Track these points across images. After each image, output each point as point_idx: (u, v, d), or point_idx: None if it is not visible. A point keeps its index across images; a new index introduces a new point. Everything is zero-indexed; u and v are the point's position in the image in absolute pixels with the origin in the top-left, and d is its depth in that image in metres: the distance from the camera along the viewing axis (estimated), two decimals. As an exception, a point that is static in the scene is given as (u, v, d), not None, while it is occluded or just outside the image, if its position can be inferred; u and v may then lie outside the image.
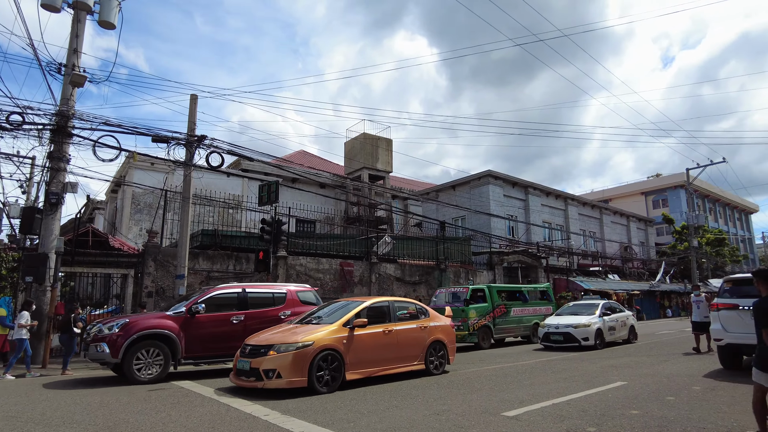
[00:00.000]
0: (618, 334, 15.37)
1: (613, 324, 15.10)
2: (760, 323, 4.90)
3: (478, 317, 15.64)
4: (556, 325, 14.56)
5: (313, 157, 36.39)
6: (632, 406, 6.29)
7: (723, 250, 46.23)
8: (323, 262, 18.59)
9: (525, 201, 33.93)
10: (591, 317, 14.54)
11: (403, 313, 9.49)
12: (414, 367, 9.15)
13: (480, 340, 15.46)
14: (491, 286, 17.14)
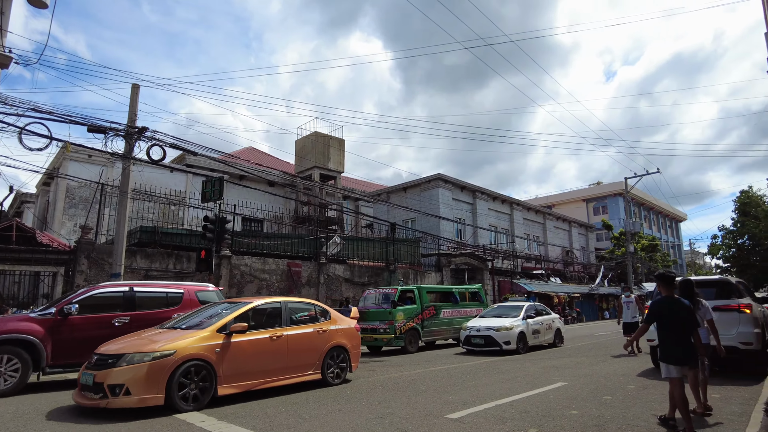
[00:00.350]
0: (543, 338, 14.93)
1: (537, 327, 14.63)
2: (648, 318, 5.55)
3: (406, 319, 14.98)
4: (477, 328, 13.96)
5: (262, 154, 35.54)
6: (572, 406, 6.40)
7: (656, 255, 48.95)
8: (270, 262, 18.11)
9: (473, 205, 34.56)
10: (514, 320, 14.00)
11: (300, 316, 8.51)
12: (308, 377, 8.12)
13: (407, 344, 14.83)
14: (421, 287, 16.53)
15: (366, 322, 14.74)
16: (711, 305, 8.97)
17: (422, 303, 15.82)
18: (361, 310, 15.02)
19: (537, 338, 14.56)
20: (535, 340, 14.43)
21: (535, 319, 14.73)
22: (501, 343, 13.30)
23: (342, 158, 28.61)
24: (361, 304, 15.86)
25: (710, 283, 9.70)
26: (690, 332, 5.30)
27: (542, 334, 14.88)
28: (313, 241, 20.52)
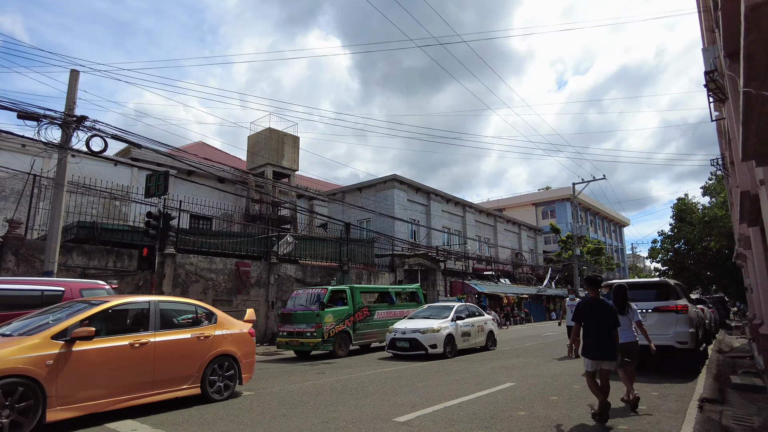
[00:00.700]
0: (474, 341, 14.13)
1: (467, 329, 13.82)
2: (576, 317, 6.08)
3: (336, 322, 13.94)
4: (403, 330, 13.00)
5: (213, 149, 34.45)
6: (520, 407, 6.42)
7: (600, 258, 50.96)
8: (217, 261, 17.48)
9: (427, 206, 34.80)
10: (443, 321, 13.20)
11: (177, 319, 7.18)
12: (182, 392, 6.76)
13: (336, 348, 13.85)
14: (354, 287, 15.49)
15: (292, 324, 13.95)
16: (651, 306, 9.37)
17: (355, 304, 14.82)
18: (287, 312, 14.31)
19: (467, 341, 13.79)
20: (465, 343, 13.65)
21: (465, 320, 13.96)
22: (427, 347, 12.44)
23: (296, 156, 28.10)
24: (290, 305, 14.76)
25: (651, 285, 10.08)
26: (610, 330, 5.88)
27: (473, 337, 14.09)
28: (264, 240, 20.00)
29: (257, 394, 7.78)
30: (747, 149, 4.59)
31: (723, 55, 5.16)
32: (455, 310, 13.94)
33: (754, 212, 7.27)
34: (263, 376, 10.10)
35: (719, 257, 27.27)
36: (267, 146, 26.66)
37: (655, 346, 9.30)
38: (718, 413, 6.49)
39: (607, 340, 5.83)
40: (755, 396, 7.87)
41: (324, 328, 13.52)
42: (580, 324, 6.12)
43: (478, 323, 14.60)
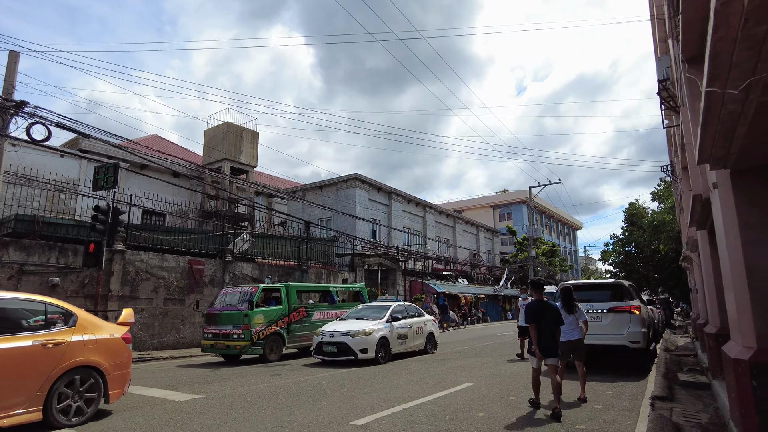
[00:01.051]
0: (412, 344, 13.18)
1: (404, 331, 12.84)
2: (528, 319, 6.41)
3: (267, 323, 12.82)
4: (331, 333, 11.79)
5: (168, 143, 33.19)
6: (479, 408, 6.37)
7: (555, 260, 52.42)
8: (169, 258, 16.78)
9: (388, 206, 34.77)
10: (377, 323, 12.14)
11: (25, 321, 5.60)
12: (15, 418, 5.14)
13: (267, 351, 12.72)
14: (290, 285, 14.25)
15: (218, 326, 12.74)
16: (606, 306, 9.57)
17: (290, 304, 13.72)
18: (212, 312, 13.07)
19: (404, 344, 12.80)
20: (401, 347, 12.67)
21: (402, 321, 12.93)
22: (356, 351, 11.31)
23: (255, 152, 27.43)
24: (218, 304, 13.42)
25: (606, 286, 10.31)
26: (553, 330, 6.29)
27: (410, 340, 13.11)
28: (219, 238, 19.37)
29: (207, 398, 7.43)
30: (703, 152, 4.66)
31: (681, 59, 5.25)
32: (392, 311, 12.89)
33: (704, 216, 7.50)
34: (215, 378, 9.71)
35: (665, 260, 28.49)
36: (225, 141, 25.90)
37: (610, 346, 9.57)
38: (668, 410, 6.66)
39: (550, 339, 6.24)
40: (701, 393, 8.16)
41: (253, 330, 12.39)
42: (536, 324, 6.27)
43: (417, 325, 13.62)
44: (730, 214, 5.10)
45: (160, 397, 7.50)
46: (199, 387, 8.52)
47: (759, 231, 4.93)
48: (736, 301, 5.10)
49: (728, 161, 4.78)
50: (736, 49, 2.75)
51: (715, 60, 2.95)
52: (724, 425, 5.91)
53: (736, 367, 4.88)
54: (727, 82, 3.14)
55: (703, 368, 10.24)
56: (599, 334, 9.48)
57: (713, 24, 2.59)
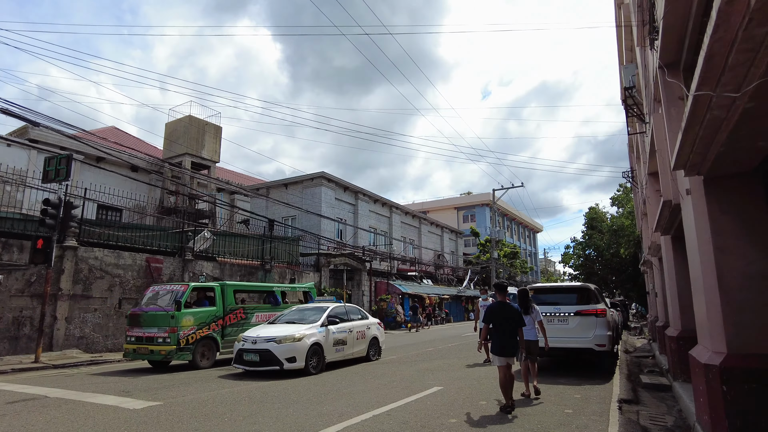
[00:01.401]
0: (351, 350, 11.75)
1: (342, 336, 11.39)
2: (485, 318, 6.76)
3: (198, 326, 11.59)
4: (253, 339, 10.17)
5: (126, 135, 31.88)
6: (450, 414, 6.23)
7: (516, 262, 53.40)
8: (125, 256, 16.01)
9: (355, 206, 34.51)
10: (310, 327, 10.63)
11: None
12: None
13: (197, 357, 11.49)
14: (226, 284, 13.05)
15: (142, 328, 11.42)
16: (573, 310, 9.64)
17: (225, 305, 12.54)
18: (136, 313, 11.77)
19: (341, 351, 11.36)
20: (338, 354, 11.21)
21: (341, 325, 11.50)
22: (282, 360, 9.74)
23: (218, 147, 26.65)
24: (144, 304, 12.05)
25: (573, 289, 10.41)
26: (515, 331, 6.57)
27: (350, 346, 11.71)
28: (179, 235, 18.66)
29: (166, 405, 7.02)
30: (681, 158, 4.66)
31: (658, 65, 5.25)
32: (329, 313, 11.40)
33: (671, 221, 7.62)
34: (173, 383, 9.24)
35: (623, 263, 29.39)
36: (186, 135, 25.03)
37: (576, 349, 9.65)
38: (635, 413, 6.71)
39: (512, 339, 6.54)
40: (663, 395, 8.31)
41: (180, 334, 11.15)
42: (488, 324, 6.72)
43: (359, 329, 12.17)
44: (703, 221, 5.15)
45: (114, 405, 7.03)
46: (157, 393, 8.07)
47: (730, 238, 4.98)
48: (707, 307, 5.15)
49: (703, 168, 4.81)
50: (733, 51, 2.68)
51: (709, 63, 2.89)
52: (690, 428, 5.98)
53: (707, 372, 4.92)
54: (718, 86, 3.09)
55: (662, 370, 10.47)
56: (566, 337, 9.55)
57: (714, 24, 2.51)
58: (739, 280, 4.88)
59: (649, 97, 9.47)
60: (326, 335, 10.85)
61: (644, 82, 10.03)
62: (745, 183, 4.94)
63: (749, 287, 4.83)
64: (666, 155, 6.46)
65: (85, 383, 9.21)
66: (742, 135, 3.86)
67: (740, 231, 4.95)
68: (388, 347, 16.17)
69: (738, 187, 4.97)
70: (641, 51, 10.56)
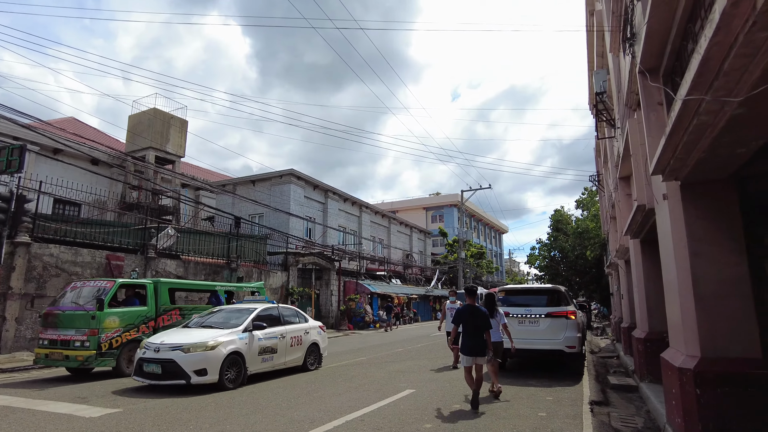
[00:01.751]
0: (283, 359, 10.03)
1: (271, 343, 9.71)
2: (454, 320, 7.22)
3: (124, 328, 10.27)
4: (156, 346, 8.52)
5: (86, 127, 30.56)
6: (424, 419, 6.12)
7: (482, 262, 54.07)
8: (83, 253, 15.27)
9: (324, 204, 34.16)
10: (229, 332, 8.98)
11: None
12: None
13: (125, 364, 10.19)
14: (161, 281, 11.68)
15: (57, 330, 10.01)
16: (544, 312, 9.70)
17: (158, 304, 11.23)
18: (51, 312, 10.37)
19: (270, 360, 9.70)
20: (266, 363, 9.60)
21: (270, 330, 9.77)
22: (189, 373, 8.13)
23: (183, 141, 25.83)
24: (63, 302, 10.61)
25: (543, 291, 10.49)
26: (482, 332, 6.95)
27: (282, 354, 10.03)
28: (142, 232, 17.97)
29: (125, 412, 6.65)
30: (661, 162, 4.68)
31: (639, 70, 5.27)
32: (255, 316, 9.71)
33: (643, 225, 7.73)
34: (135, 386, 8.78)
35: (587, 265, 30.10)
36: (150, 128, 24.15)
37: (547, 351, 9.72)
38: (606, 415, 6.77)
39: (479, 340, 6.91)
40: (631, 396, 8.44)
41: (102, 336, 9.76)
42: (458, 326, 7.17)
43: (294, 334, 10.51)
44: (679, 226, 5.19)
45: (68, 413, 6.61)
46: (115, 399, 7.66)
47: (705, 243, 5.03)
48: (681, 311, 5.19)
49: (681, 173, 4.84)
50: (731, 55, 2.63)
51: (704, 66, 2.84)
52: (660, 430, 6.05)
53: (681, 376, 4.96)
54: (709, 91, 3.06)
55: (628, 371, 10.68)
56: (537, 339, 9.61)
57: (716, 26, 2.45)
58: (714, 285, 4.94)
59: (621, 102, 9.61)
60: (249, 342, 9.15)
61: (616, 87, 10.19)
62: (721, 189, 5.01)
63: (723, 292, 4.90)
64: (640, 160, 6.52)
65: (36, 389, 8.67)
66: (724, 141, 3.87)
67: (715, 236, 5.01)
68: (356, 348, 16.04)
69: (714, 193, 5.03)
70: (613, 57, 10.72)
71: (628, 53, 6.61)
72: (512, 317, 9.79)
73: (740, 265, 4.89)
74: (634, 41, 6.16)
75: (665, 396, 5.77)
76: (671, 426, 5.49)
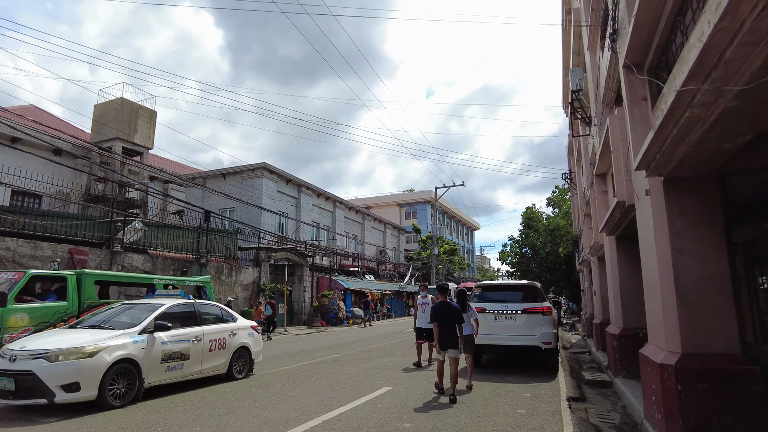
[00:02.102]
0: (198, 367, 8.24)
1: (181, 348, 7.89)
2: (432, 318, 7.52)
3: (35, 326, 8.78)
4: (14, 354, 6.58)
5: (48, 115, 29.28)
6: (403, 417, 5.98)
7: (455, 258, 54.44)
8: (44, 246, 14.58)
9: (298, 199, 33.70)
10: (119, 334, 7.22)
11: None
12: None
13: None
14: (85, 272, 10.26)
15: None
16: (521, 307, 9.68)
17: (81, 300, 9.77)
18: None
19: (179, 368, 7.87)
20: (171, 373, 7.74)
21: (179, 331, 7.99)
22: (52, 389, 6.27)
23: (152, 132, 24.99)
24: None
25: (519, 287, 10.49)
26: (455, 327, 7.38)
27: (196, 360, 8.19)
28: (107, 225, 17.29)
29: (87, 415, 6.28)
30: (647, 157, 4.63)
31: (624, 64, 5.22)
32: (160, 314, 7.88)
33: (620, 222, 7.76)
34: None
35: (557, 261, 30.58)
36: (117, 118, 23.27)
37: (523, 347, 9.72)
38: (584, 411, 6.77)
39: (452, 334, 7.32)
40: (606, 391, 8.50)
41: (5, 337, 8.24)
42: (439, 324, 7.36)
43: (215, 335, 8.70)
44: (661, 222, 5.18)
45: (21, 417, 6.21)
46: (77, 399, 7.24)
47: (687, 240, 5.03)
48: (663, 307, 5.19)
49: (666, 169, 4.81)
50: (734, 43, 2.55)
51: (704, 56, 2.76)
52: (637, 425, 6.07)
53: (662, 372, 4.95)
54: (707, 82, 2.98)
55: (601, 366, 10.79)
56: (513, 335, 9.60)
57: (723, 10, 2.35)
58: (695, 282, 4.95)
59: (598, 100, 9.66)
60: (148, 346, 7.38)
61: (593, 85, 10.23)
62: (704, 185, 5.00)
63: (704, 288, 4.91)
64: (621, 156, 6.51)
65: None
66: (713, 136, 3.84)
67: (697, 233, 5.01)
68: (330, 345, 15.80)
69: (696, 190, 5.03)
70: (591, 55, 10.77)
71: (609, 49, 6.59)
72: (489, 313, 9.76)
73: (720, 262, 4.90)
74: (617, 36, 6.14)
75: (644, 392, 5.78)
76: (650, 422, 5.50)
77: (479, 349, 10.28)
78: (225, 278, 21.65)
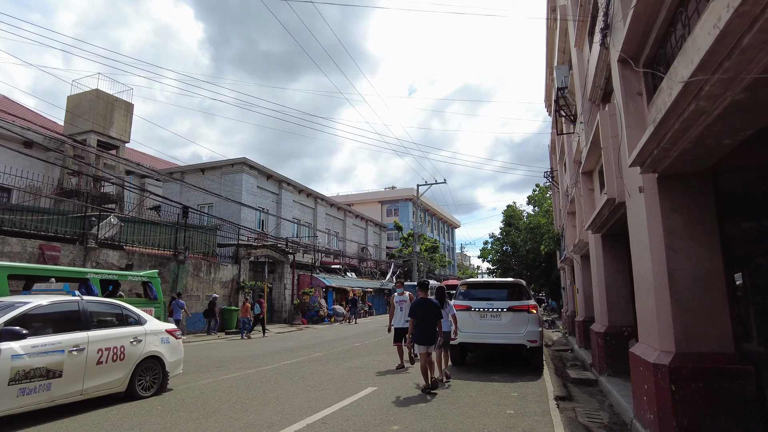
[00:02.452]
0: (80, 385, 6.25)
1: (47, 362, 5.87)
2: (410, 313, 7.90)
3: None
4: None
5: (18, 106, 28.24)
6: (390, 419, 5.80)
7: (436, 256, 54.51)
8: (12, 242, 13.98)
9: (278, 195, 33.24)
10: None
11: None
12: None
13: None
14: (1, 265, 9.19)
15: None
16: (507, 305, 9.59)
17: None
18: None
19: (44, 390, 5.82)
20: (29, 398, 5.65)
21: (43, 339, 5.94)
22: None
23: (129, 126, 24.27)
24: None
25: (506, 285, 10.40)
26: (434, 323, 7.64)
27: (74, 377, 6.20)
28: (81, 220, 16.70)
29: (59, 420, 5.95)
30: (643, 153, 4.52)
31: (619, 58, 5.11)
32: (14, 317, 5.83)
33: (608, 220, 7.70)
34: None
35: (537, 259, 30.76)
36: (93, 110, 22.53)
37: (509, 345, 9.63)
38: (572, 411, 6.69)
39: (431, 330, 7.58)
40: (591, 389, 8.45)
41: None
42: (414, 319, 7.76)
43: (108, 343, 6.76)
44: (655, 220, 5.09)
45: (-11, 421, 5.82)
46: (47, 402, 6.87)
47: (681, 237, 4.95)
48: (656, 306, 5.10)
49: (661, 165, 4.71)
50: (754, 29, 2.42)
51: (719, 43, 2.62)
52: (626, 425, 6.01)
53: (656, 372, 4.87)
54: (718, 72, 2.86)
55: (585, 364, 10.78)
56: (499, 333, 9.51)
57: None
58: (689, 280, 4.87)
59: (585, 97, 9.60)
60: None
61: (580, 82, 10.18)
62: (697, 182, 4.93)
63: (698, 287, 4.83)
64: (612, 153, 6.42)
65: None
66: (715, 131, 3.73)
67: (690, 230, 4.93)
68: (311, 343, 15.54)
69: (690, 187, 4.95)
70: (578, 52, 10.73)
71: (599, 44, 6.50)
72: (474, 311, 9.65)
73: (714, 260, 4.84)
74: (610, 31, 6.04)
75: (634, 392, 5.70)
76: (640, 421, 5.42)
77: (464, 348, 10.20)
78: (203, 275, 21.18)
